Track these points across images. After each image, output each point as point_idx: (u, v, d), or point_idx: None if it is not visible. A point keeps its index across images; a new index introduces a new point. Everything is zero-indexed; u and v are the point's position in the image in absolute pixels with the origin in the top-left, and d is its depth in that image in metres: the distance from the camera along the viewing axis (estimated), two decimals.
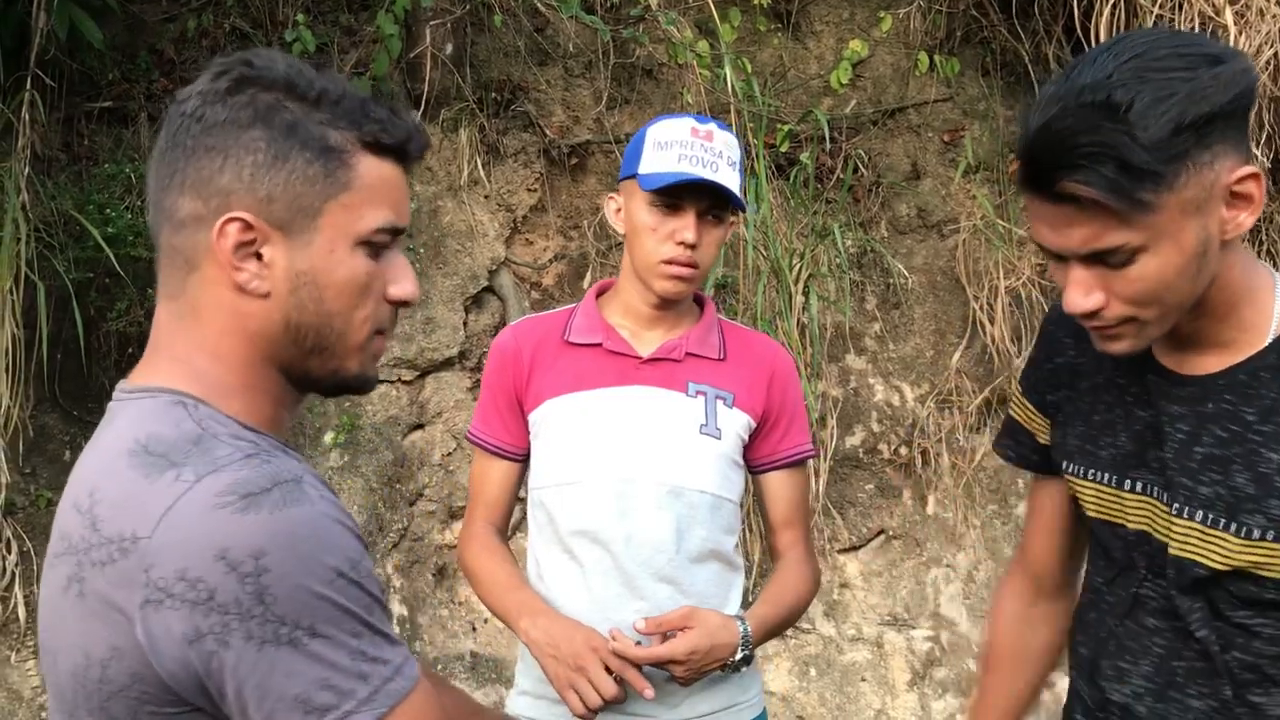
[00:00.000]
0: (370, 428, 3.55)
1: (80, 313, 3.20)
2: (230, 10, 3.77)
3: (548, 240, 3.88)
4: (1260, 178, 1.18)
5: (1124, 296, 1.20)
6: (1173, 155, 1.11)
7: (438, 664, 3.48)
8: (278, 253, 1.02)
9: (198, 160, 1.03)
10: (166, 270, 1.06)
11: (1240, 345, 1.27)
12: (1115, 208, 1.12)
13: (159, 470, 0.94)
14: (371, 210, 1.05)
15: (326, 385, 1.10)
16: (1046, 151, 1.15)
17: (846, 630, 3.73)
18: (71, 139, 3.60)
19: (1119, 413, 1.37)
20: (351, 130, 1.05)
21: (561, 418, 1.88)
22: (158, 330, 1.08)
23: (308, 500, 0.94)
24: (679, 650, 1.74)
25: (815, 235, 3.77)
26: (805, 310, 3.67)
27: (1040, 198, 1.17)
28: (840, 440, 3.78)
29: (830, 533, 3.77)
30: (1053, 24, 3.89)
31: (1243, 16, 3.44)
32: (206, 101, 1.03)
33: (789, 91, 4.08)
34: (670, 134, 1.83)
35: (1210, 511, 1.26)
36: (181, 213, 1.03)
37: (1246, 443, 1.24)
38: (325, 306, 1.04)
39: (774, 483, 1.97)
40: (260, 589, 0.90)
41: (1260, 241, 3.74)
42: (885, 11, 4.12)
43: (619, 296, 1.94)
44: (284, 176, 1.02)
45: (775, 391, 1.93)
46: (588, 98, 3.92)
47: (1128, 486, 1.35)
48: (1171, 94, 1.11)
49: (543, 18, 3.88)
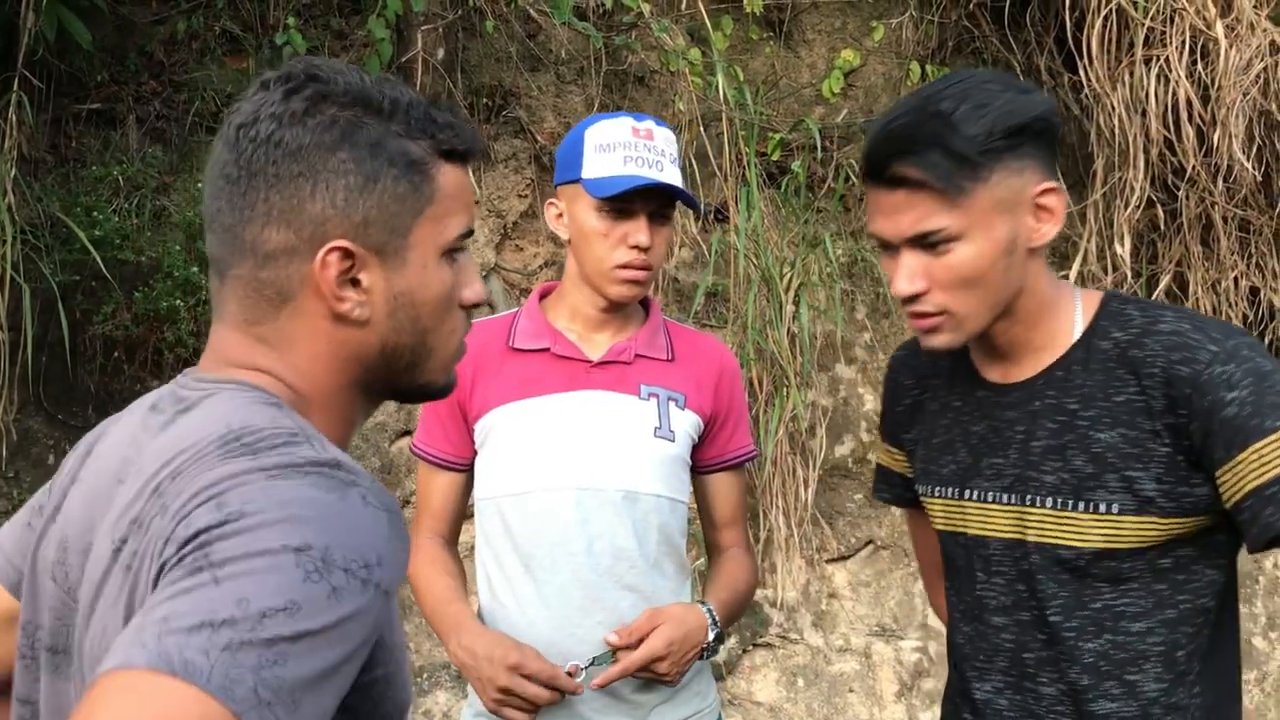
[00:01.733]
0: (357, 434, 3.53)
1: (66, 316, 3.18)
2: (220, 13, 3.75)
3: (538, 247, 3.87)
4: (1060, 193, 1.39)
5: (943, 283, 1.38)
6: (987, 150, 1.33)
7: (423, 672, 3.46)
8: (375, 277, 1.00)
9: (284, 188, 0.98)
10: (247, 300, 1.00)
11: (1050, 349, 1.46)
12: (938, 188, 1.33)
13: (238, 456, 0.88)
14: (453, 219, 1.04)
15: (409, 397, 1.10)
16: (885, 144, 1.37)
17: (834, 640, 3.72)
18: (59, 141, 3.58)
19: (956, 431, 1.54)
20: (427, 140, 1.02)
21: (511, 425, 1.84)
22: (226, 348, 1.02)
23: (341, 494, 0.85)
24: (658, 647, 1.72)
25: (806, 244, 3.76)
26: (795, 319, 3.66)
27: (878, 186, 1.39)
28: (829, 450, 3.77)
29: (819, 543, 3.76)
30: (1044, 35, 3.90)
31: (1233, 30, 3.45)
32: (284, 124, 0.98)
33: (781, 100, 4.08)
34: (610, 135, 1.79)
35: (1057, 496, 1.41)
36: (270, 245, 0.98)
37: (1075, 429, 1.41)
38: (421, 324, 1.03)
39: (720, 483, 1.95)
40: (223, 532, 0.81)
41: (1250, 255, 3.75)
42: (877, 21, 4.13)
43: (564, 300, 1.90)
44: (377, 198, 0.99)
45: (723, 391, 1.92)
46: (579, 104, 3.91)
47: (967, 495, 1.51)
48: (989, 105, 1.34)
49: (535, 24, 3.87)
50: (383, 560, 0.86)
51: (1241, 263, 3.74)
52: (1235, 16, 3.47)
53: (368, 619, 0.84)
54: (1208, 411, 1.32)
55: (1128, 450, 1.37)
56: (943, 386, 1.58)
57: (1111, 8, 3.52)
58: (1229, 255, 3.72)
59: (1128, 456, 1.37)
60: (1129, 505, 1.36)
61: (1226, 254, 3.71)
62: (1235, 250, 3.73)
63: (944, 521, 1.56)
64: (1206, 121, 3.50)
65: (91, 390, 3.37)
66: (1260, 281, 3.76)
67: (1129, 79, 3.55)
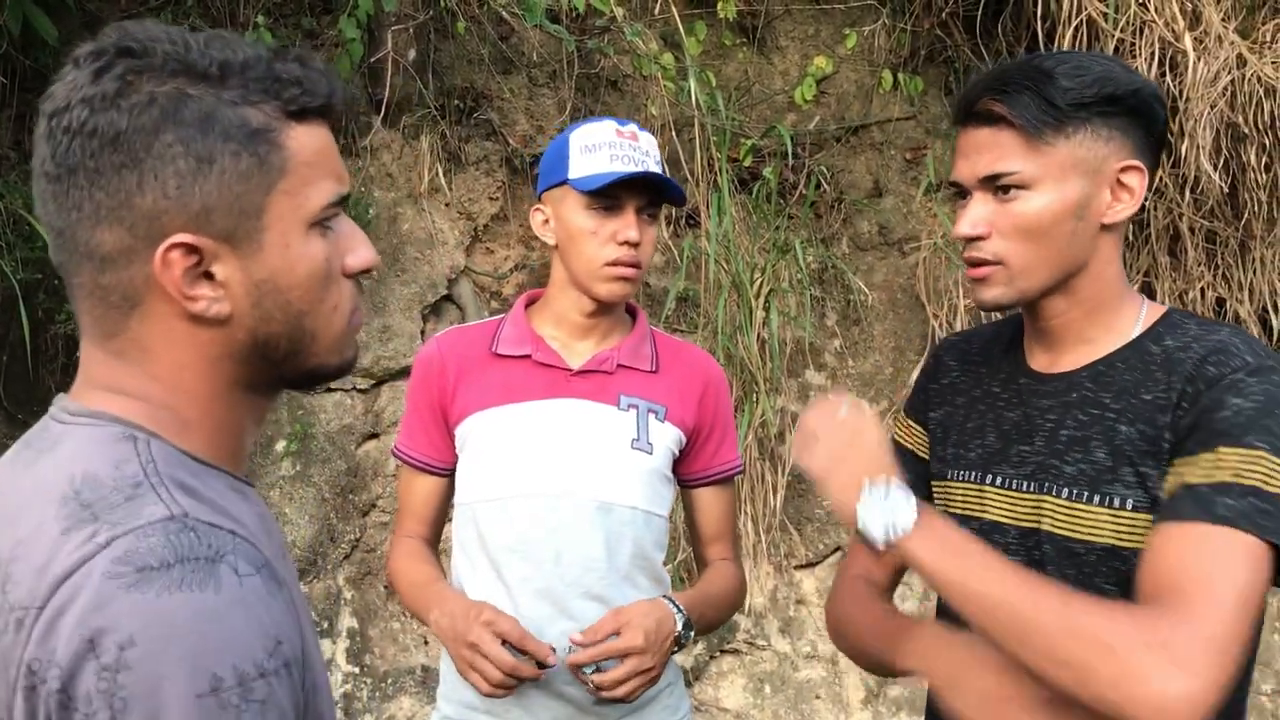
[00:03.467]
0: (323, 436, 3.50)
1: (27, 315, 3.13)
2: (190, 10, 3.71)
3: (509, 250, 3.85)
4: (1144, 173, 1.37)
5: (1004, 230, 1.38)
6: (1078, 106, 1.34)
7: (388, 678, 3.43)
8: (230, 267, 0.89)
9: (107, 183, 0.86)
10: (96, 310, 0.91)
11: (1101, 344, 1.43)
12: (1020, 128, 1.35)
13: (79, 526, 0.81)
14: (315, 186, 0.92)
15: (304, 383, 0.99)
16: (980, 84, 1.39)
17: (802, 647, 3.72)
18: (23, 137, 3.53)
19: (990, 417, 1.51)
20: (270, 102, 0.90)
21: (489, 431, 1.83)
22: (90, 367, 0.94)
23: (214, 585, 0.79)
24: (635, 641, 1.70)
25: (777, 250, 3.76)
26: (766, 325, 3.66)
27: (965, 126, 1.41)
28: None
29: (787, 549, 3.76)
30: (1015, 45, 3.92)
31: (1201, 43, 3.48)
32: (96, 109, 0.86)
33: (753, 106, 4.08)
34: (596, 137, 1.80)
35: (1074, 487, 1.38)
36: (105, 247, 0.87)
37: (1103, 421, 1.38)
38: (294, 309, 0.92)
39: (706, 498, 1.94)
40: (113, 689, 0.75)
41: (1216, 266, 3.78)
42: (850, 29, 4.13)
43: (549, 307, 1.89)
44: (215, 181, 0.87)
45: (708, 405, 1.91)
46: (551, 107, 3.90)
47: (989, 481, 1.48)
48: (1089, 69, 1.36)
49: (507, 26, 3.85)
50: (281, 636, 0.82)
51: (1208, 274, 3.77)
52: (1204, 29, 3.50)
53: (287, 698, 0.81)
54: (1206, 409, 1.29)
55: (1144, 447, 1.34)
56: (988, 373, 1.56)
57: (1082, 19, 3.54)
58: (1196, 266, 3.75)
59: (1144, 453, 1.34)
60: (1141, 501, 1.33)
61: (1193, 265, 3.74)
62: (1202, 261, 3.76)
63: (961, 507, 1.52)
64: (1174, 133, 3.53)
65: (53, 390, 3.31)
66: (1226, 293, 3.79)
67: None
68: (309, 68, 0.93)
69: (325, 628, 3.42)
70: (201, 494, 0.87)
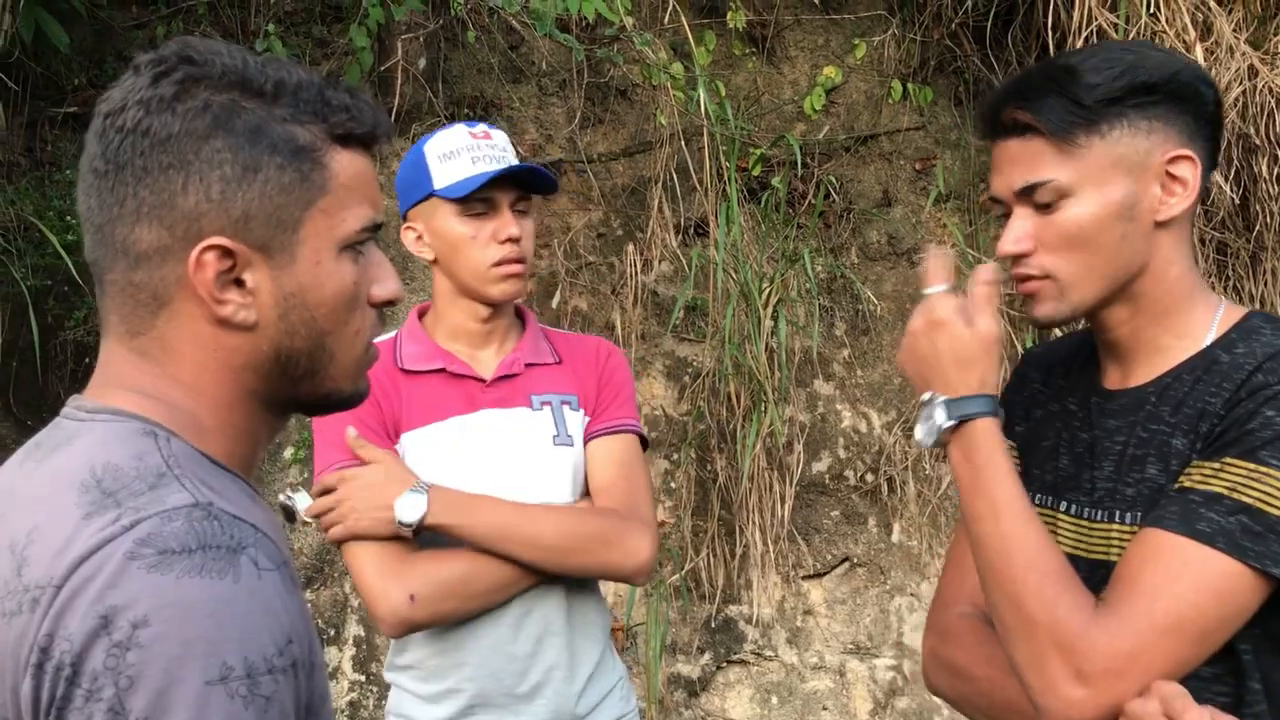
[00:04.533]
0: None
1: (37, 320, 3.14)
2: (201, 19, 3.73)
3: None
4: (1195, 163, 1.28)
5: (1049, 243, 1.29)
6: (1109, 101, 1.25)
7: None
8: (261, 276, 0.91)
9: (153, 182, 0.89)
10: (124, 307, 0.93)
11: (1173, 353, 1.32)
12: (1049, 134, 1.26)
13: (102, 511, 0.82)
14: (352, 210, 0.95)
15: (316, 408, 1.00)
16: (1003, 92, 1.32)
17: (809, 658, 3.71)
18: (34, 144, 3.54)
19: (1065, 436, 1.41)
20: (318, 124, 0.93)
21: (420, 451, 1.81)
22: (111, 365, 0.95)
23: (234, 574, 0.80)
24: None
25: (785, 260, 3.76)
26: (774, 334, 3.65)
27: (994, 140, 1.33)
28: (806, 466, 3.76)
29: (795, 559, 3.75)
30: (1025, 56, 3.91)
31: (1212, 54, 3.47)
32: (151, 111, 0.89)
33: (762, 116, 4.08)
34: (451, 144, 1.80)
35: (1134, 510, 1.29)
36: (142, 244, 0.90)
37: (1160, 436, 1.29)
38: (317, 326, 0.94)
39: (591, 449, 1.89)
40: (120, 666, 0.75)
41: (1227, 277, 3.77)
42: (860, 39, 4.13)
43: (442, 322, 1.88)
44: (258, 189, 0.90)
45: (603, 375, 1.91)
46: (561, 116, 3.90)
47: (1062, 508, 1.38)
48: (1118, 60, 1.28)
49: (517, 35, 3.86)
50: (293, 635, 0.82)
51: (1219, 285, 3.76)
52: (1215, 40, 3.49)
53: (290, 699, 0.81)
54: (1239, 419, 1.20)
55: (1190, 457, 1.25)
56: (1067, 388, 1.45)
57: (1093, 29, 3.53)
58: (1206, 278, 3.73)
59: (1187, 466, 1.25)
60: None
61: (1204, 276, 3.73)
62: (1213, 273, 3.74)
63: None
64: None
65: (61, 396, 3.31)
66: (1238, 304, 3.77)
67: None
68: (358, 98, 0.96)
69: (332, 635, 3.41)
70: (220, 492, 0.87)
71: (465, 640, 1.78)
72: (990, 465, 1.25)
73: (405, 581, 1.70)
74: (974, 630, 1.41)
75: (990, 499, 1.24)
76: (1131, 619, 1.16)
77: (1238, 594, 1.16)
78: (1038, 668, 1.18)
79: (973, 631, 1.41)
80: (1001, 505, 1.24)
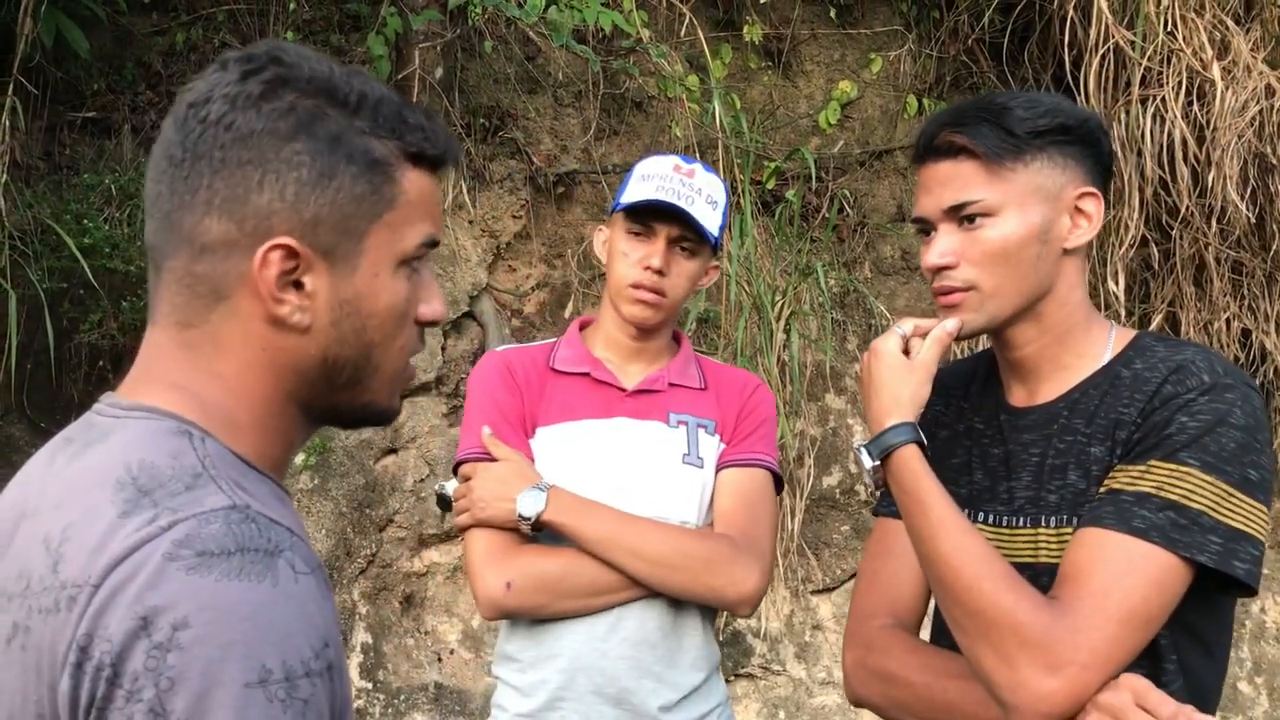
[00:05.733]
0: (342, 451, 3.50)
1: (52, 323, 3.16)
2: (220, 26, 3.75)
3: (531, 268, 3.86)
4: (1099, 199, 1.42)
5: (973, 258, 1.40)
6: (1035, 134, 1.39)
7: (401, 695, 3.42)
8: (321, 281, 0.92)
9: (230, 175, 0.90)
10: (179, 297, 0.93)
11: (1075, 371, 1.45)
12: (982, 157, 1.38)
13: (139, 510, 0.82)
14: (414, 227, 0.96)
15: (351, 419, 1.01)
16: (941, 118, 1.44)
17: (817, 673, 3.69)
18: (53, 148, 3.56)
19: (976, 453, 1.53)
20: (394, 140, 0.94)
21: (550, 449, 1.88)
22: (154, 356, 0.95)
23: (272, 578, 0.80)
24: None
25: (799, 273, 3.76)
26: (786, 348, 3.65)
27: (926, 161, 1.44)
28: (817, 480, 3.75)
29: (804, 573, 3.73)
30: (1042, 73, 3.91)
31: (1230, 72, 3.46)
32: (237, 106, 0.90)
33: (777, 129, 4.08)
34: (654, 168, 1.88)
35: (1059, 514, 1.40)
36: (209, 235, 0.90)
37: (1076, 446, 1.41)
38: (366, 337, 0.95)
39: (722, 479, 1.91)
40: (161, 668, 0.76)
41: (1242, 296, 3.75)
42: (876, 54, 4.14)
43: (601, 329, 1.96)
44: (331, 196, 0.91)
45: (745, 410, 1.94)
46: (576, 127, 3.91)
47: (980, 519, 1.48)
48: (1042, 102, 1.43)
49: (534, 46, 3.87)
50: (328, 638, 0.82)
51: (1234, 304, 3.74)
52: (1232, 59, 3.48)
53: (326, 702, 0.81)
54: (1155, 426, 1.33)
55: (1110, 463, 1.37)
56: (970, 409, 1.57)
57: (1109, 47, 3.53)
58: (1221, 296, 3.72)
59: (1110, 469, 1.36)
60: None
61: (1219, 295, 3.71)
62: (1228, 292, 3.73)
63: None
64: (1201, 162, 3.51)
65: (76, 399, 3.34)
66: (1252, 324, 3.76)
67: (1125, 118, 3.56)
68: (434, 121, 0.98)
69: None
70: (253, 494, 0.88)
71: (562, 633, 1.82)
72: (918, 490, 1.36)
73: (505, 569, 1.78)
74: (901, 640, 1.51)
75: (928, 519, 1.34)
76: (1090, 613, 1.25)
77: (1173, 582, 1.27)
78: (1006, 667, 1.25)
79: (900, 641, 1.51)
80: (937, 523, 1.33)
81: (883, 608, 1.55)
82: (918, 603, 1.57)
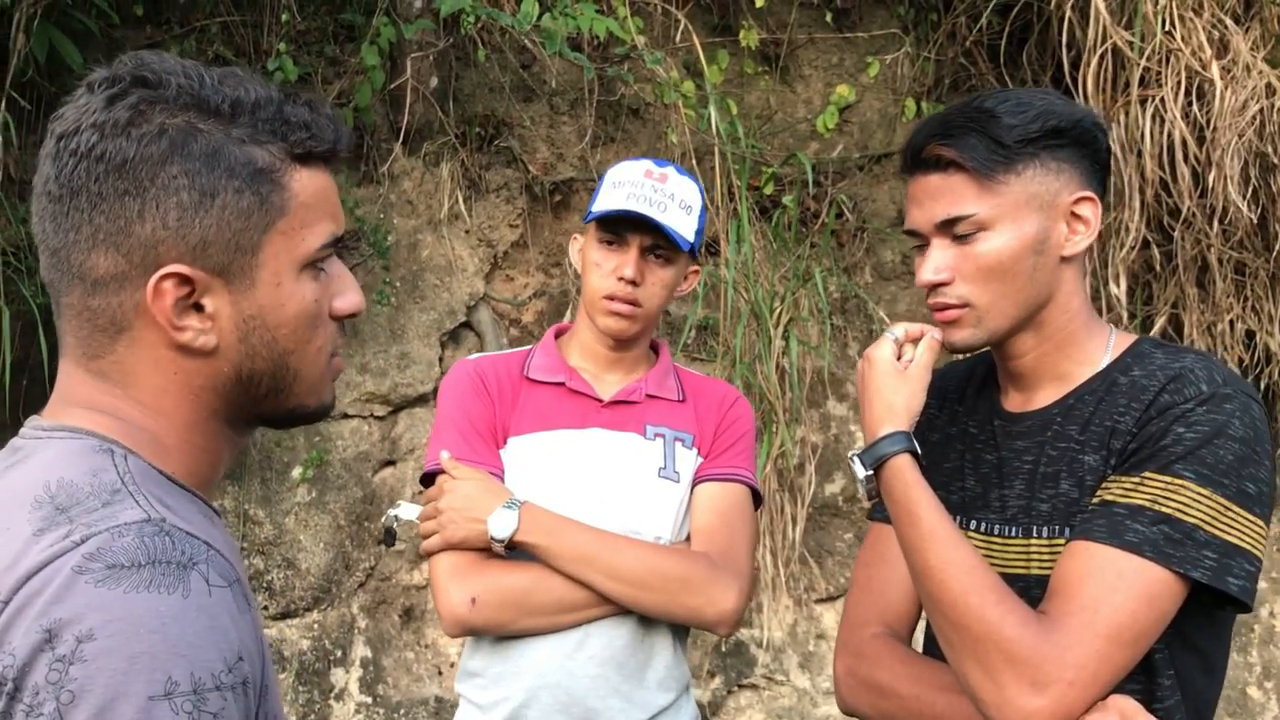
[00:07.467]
0: (340, 463, 3.48)
1: (46, 339, 3.14)
2: (214, 38, 3.74)
3: (528, 277, 3.84)
4: (1096, 203, 1.38)
5: (967, 273, 1.37)
6: (1026, 141, 1.34)
7: (401, 708, 3.40)
8: (221, 301, 0.90)
9: (109, 208, 0.88)
10: (81, 331, 0.92)
11: (1072, 378, 1.42)
12: (972, 171, 1.34)
13: (54, 527, 0.81)
14: (312, 229, 0.94)
15: (283, 423, 1.00)
16: (927, 129, 1.40)
17: (821, 683, 3.66)
18: None
19: (969, 458, 1.50)
20: (277, 143, 0.92)
21: (524, 459, 1.84)
22: (70, 386, 0.94)
23: (184, 589, 0.78)
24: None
25: (797, 279, 3.73)
26: (785, 354, 3.62)
27: (914, 173, 1.41)
28: (819, 488, 3.72)
29: (807, 582, 3.71)
30: (1041, 75, 3.88)
31: (1229, 72, 3.43)
32: (106, 135, 0.88)
33: (775, 134, 4.06)
34: (624, 175, 1.84)
35: (1051, 524, 1.38)
36: (98, 271, 0.89)
37: (1069, 454, 1.38)
38: (279, 347, 0.93)
39: (698, 493, 1.87)
40: (63, 680, 0.74)
41: (1245, 298, 3.72)
42: (873, 58, 4.11)
43: (576, 338, 1.93)
44: (216, 215, 0.88)
45: (724, 425, 1.90)
46: (572, 135, 3.90)
47: (972, 526, 1.46)
48: (1031, 105, 1.37)
49: (528, 54, 3.85)
50: (244, 653, 0.80)
51: (1237, 305, 3.71)
52: (1231, 58, 3.45)
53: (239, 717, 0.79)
54: (1151, 437, 1.30)
55: (1105, 473, 1.34)
56: (964, 412, 1.55)
57: (1107, 47, 3.50)
58: (1224, 298, 3.69)
59: (1104, 479, 1.34)
60: None
61: (1222, 297, 3.68)
62: (1231, 293, 3.70)
63: None
64: (1202, 163, 3.48)
65: None
66: (1256, 325, 3.72)
67: (1124, 119, 3.53)
68: (318, 113, 0.95)
69: (338, 656, 3.39)
70: (175, 509, 0.86)
71: (526, 650, 1.79)
72: (909, 501, 1.33)
73: (469, 585, 1.75)
74: (892, 650, 1.48)
75: (918, 531, 1.31)
76: (1078, 630, 1.22)
77: (1165, 598, 1.25)
78: (992, 684, 1.23)
79: (892, 651, 1.48)
80: (927, 535, 1.30)
81: (874, 616, 1.53)
82: (910, 610, 1.55)
